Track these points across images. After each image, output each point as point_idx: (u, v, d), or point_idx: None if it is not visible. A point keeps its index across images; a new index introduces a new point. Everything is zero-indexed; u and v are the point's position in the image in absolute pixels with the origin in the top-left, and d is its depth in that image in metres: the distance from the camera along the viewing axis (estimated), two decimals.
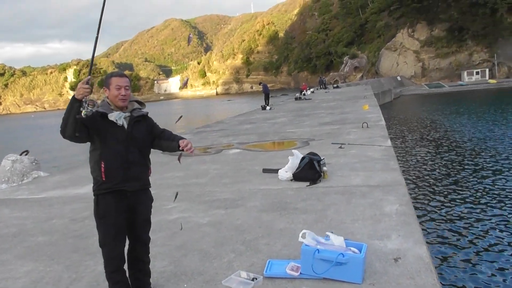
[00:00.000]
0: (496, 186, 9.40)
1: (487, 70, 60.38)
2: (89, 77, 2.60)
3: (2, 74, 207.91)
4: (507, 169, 10.83)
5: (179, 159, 2.86)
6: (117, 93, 2.70)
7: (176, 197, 3.10)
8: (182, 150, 2.79)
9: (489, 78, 57.37)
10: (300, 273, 3.01)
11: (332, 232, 3.22)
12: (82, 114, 2.48)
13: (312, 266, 2.93)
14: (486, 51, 61.99)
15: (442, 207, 8.38)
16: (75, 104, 2.49)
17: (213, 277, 3.19)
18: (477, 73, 60.45)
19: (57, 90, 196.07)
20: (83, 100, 2.50)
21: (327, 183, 5.78)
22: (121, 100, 2.71)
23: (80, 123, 2.52)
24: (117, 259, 2.75)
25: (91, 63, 2.98)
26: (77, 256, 3.93)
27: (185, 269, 3.38)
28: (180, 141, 2.82)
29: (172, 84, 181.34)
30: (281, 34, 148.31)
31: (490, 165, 11.54)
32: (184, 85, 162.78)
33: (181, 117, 3.46)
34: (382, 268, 3.08)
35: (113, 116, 2.68)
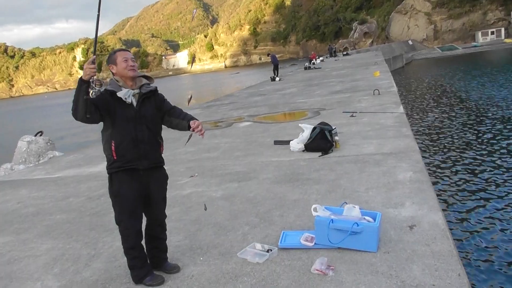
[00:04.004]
0: None
1: (502, 29, 58.31)
2: (94, 57, 2.56)
3: (12, 57, 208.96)
4: None
5: (188, 140, 2.81)
6: (125, 64, 2.69)
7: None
8: (193, 130, 2.76)
9: (505, 38, 55.48)
10: (315, 243, 3.02)
11: (346, 203, 3.20)
12: (91, 94, 2.46)
13: (328, 236, 2.93)
14: (501, 9, 59.69)
15: (457, 172, 8.28)
16: (83, 85, 2.47)
17: (228, 249, 3.22)
18: (492, 33, 58.45)
19: (66, 70, 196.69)
20: (91, 80, 2.47)
21: (339, 153, 5.73)
22: (131, 71, 2.71)
23: (90, 104, 2.51)
24: (133, 235, 2.78)
25: (95, 43, 2.95)
26: (95, 233, 4.01)
27: (200, 243, 3.43)
28: (191, 122, 2.79)
29: (180, 59, 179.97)
30: (287, 3, 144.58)
31: (507, 129, 11.30)
32: (193, 61, 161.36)
33: (191, 97, 3.41)
34: (397, 236, 3.07)
35: (122, 93, 2.66)
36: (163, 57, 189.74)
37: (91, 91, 2.48)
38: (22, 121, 42.97)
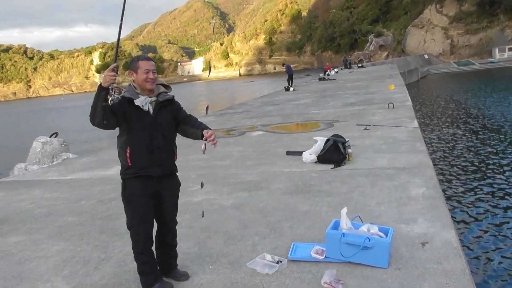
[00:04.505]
0: None
1: None
2: (115, 64, 2.60)
3: (31, 58, 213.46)
4: None
5: (203, 151, 2.83)
6: (146, 76, 2.71)
7: (202, 186, 3.19)
8: (206, 140, 2.78)
9: None
10: (325, 256, 3.00)
11: (359, 217, 3.16)
12: (109, 101, 2.50)
13: (340, 250, 2.90)
14: None
15: (471, 190, 8.15)
16: (102, 92, 2.50)
17: (238, 259, 3.21)
18: (510, 49, 57.68)
19: (83, 73, 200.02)
20: (110, 87, 2.51)
21: (352, 166, 5.70)
22: (149, 83, 2.73)
23: (108, 111, 2.54)
24: (144, 241, 2.79)
25: (116, 50, 2.99)
26: (105, 236, 4.03)
27: (209, 251, 3.43)
28: (204, 131, 2.81)
29: (195, 66, 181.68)
30: (304, 13, 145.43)
31: None
32: (210, 69, 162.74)
33: (208, 106, 3.47)
34: (409, 252, 3.03)
35: (139, 101, 2.69)
36: (179, 64, 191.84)
37: (109, 98, 2.51)
38: (38, 121, 43.71)
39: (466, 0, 63.83)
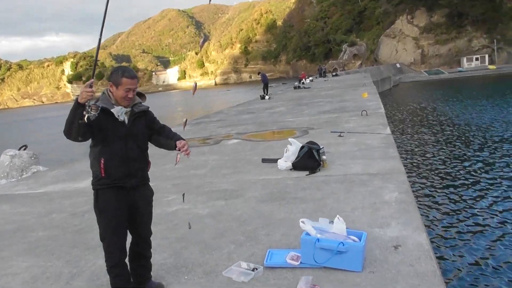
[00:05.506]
0: (496, 172, 9.39)
1: (486, 56, 60.02)
2: (92, 80, 2.53)
3: None
4: (507, 154, 10.82)
5: (176, 161, 2.80)
6: (125, 95, 2.65)
7: (184, 197, 3.19)
8: (179, 150, 2.77)
9: (489, 64, 57.06)
10: (300, 262, 3.01)
11: (339, 218, 3.19)
12: (85, 118, 2.43)
13: (314, 256, 2.92)
14: (486, 36, 61.59)
15: (442, 194, 8.38)
16: (79, 108, 2.43)
17: (214, 268, 3.19)
18: (477, 59, 60.12)
19: (54, 84, 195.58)
20: (86, 104, 2.44)
21: (326, 172, 5.77)
22: (127, 102, 2.68)
23: (84, 127, 2.47)
24: (117, 253, 2.74)
25: (94, 66, 2.90)
26: (78, 250, 3.93)
27: (185, 261, 3.39)
28: (177, 142, 2.80)
29: (171, 75, 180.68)
30: (279, 23, 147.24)
31: (491, 150, 11.53)
32: (194, 90, 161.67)
33: (186, 120, 3.45)
34: (382, 255, 3.08)
35: (114, 111, 2.64)
36: (153, 73, 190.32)
37: (86, 115, 2.43)
38: (6, 134, 42.32)
39: (435, 11, 66.11)
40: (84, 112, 2.42)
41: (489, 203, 7.51)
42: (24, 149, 9.93)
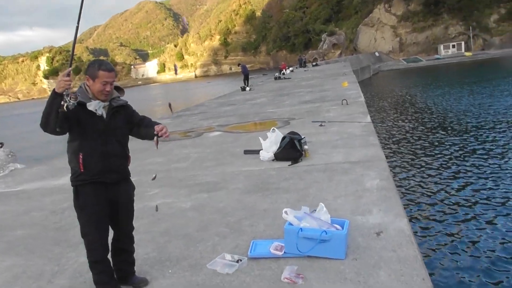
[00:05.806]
0: (475, 158, 9.63)
1: (462, 43, 61.24)
2: (69, 69, 2.50)
3: None
4: (485, 140, 11.09)
5: (156, 145, 2.79)
6: (103, 88, 2.59)
7: (154, 177, 3.23)
8: (157, 135, 2.73)
9: (465, 51, 58.23)
10: (284, 252, 3.03)
11: (323, 206, 3.21)
12: (64, 108, 2.37)
13: (297, 245, 2.95)
14: (462, 24, 62.77)
15: (422, 180, 8.56)
16: (57, 98, 2.37)
17: (198, 261, 3.18)
18: (453, 46, 61.25)
19: (30, 79, 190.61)
20: (64, 93, 2.38)
21: (308, 162, 5.80)
22: (104, 95, 2.62)
23: (62, 117, 2.41)
24: (99, 249, 2.70)
25: (72, 55, 2.88)
26: (59, 248, 3.86)
27: (169, 255, 3.37)
28: (155, 126, 2.76)
29: (150, 68, 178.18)
30: (258, 13, 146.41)
31: (469, 136, 11.80)
32: (175, 70, 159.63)
33: (170, 104, 3.48)
34: (365, 242, 3.12)
35: (92, 105, 2.59)
36: (132, 67, 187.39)
37: (65, 104, 2.37)
38: None
39: (412, 0, 66.87)
40: (63, 102, 2.37)
41: (463, 185, 7.73)
42: (1, 147, 9.68)
